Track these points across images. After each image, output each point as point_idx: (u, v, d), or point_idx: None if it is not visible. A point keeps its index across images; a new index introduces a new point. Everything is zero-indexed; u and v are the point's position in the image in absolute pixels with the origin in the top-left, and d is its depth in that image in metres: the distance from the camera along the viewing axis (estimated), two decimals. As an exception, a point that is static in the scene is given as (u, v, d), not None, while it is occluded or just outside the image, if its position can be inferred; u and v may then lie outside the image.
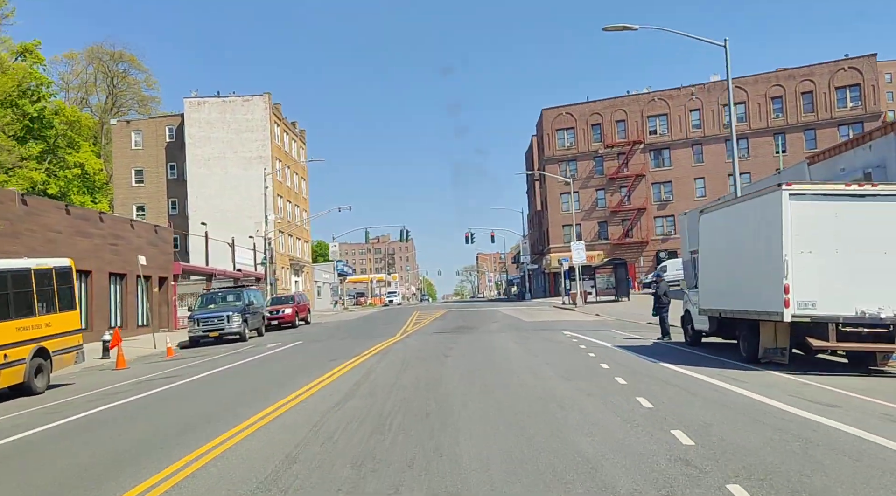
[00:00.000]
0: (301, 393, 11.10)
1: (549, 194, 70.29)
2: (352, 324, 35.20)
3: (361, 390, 11.04)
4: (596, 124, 68.54)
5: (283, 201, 62.07)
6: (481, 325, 28.25)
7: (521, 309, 45.04)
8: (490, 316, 36.60)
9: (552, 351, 16.07)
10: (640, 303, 40.22)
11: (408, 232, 61.81)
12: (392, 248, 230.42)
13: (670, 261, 58.73)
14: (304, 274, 68.22)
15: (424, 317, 37.18)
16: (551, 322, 28.99)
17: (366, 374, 12.92)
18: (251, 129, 59.41)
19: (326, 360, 16.07)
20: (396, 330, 26.88)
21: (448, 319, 34.55)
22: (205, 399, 12.02)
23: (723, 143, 63.57)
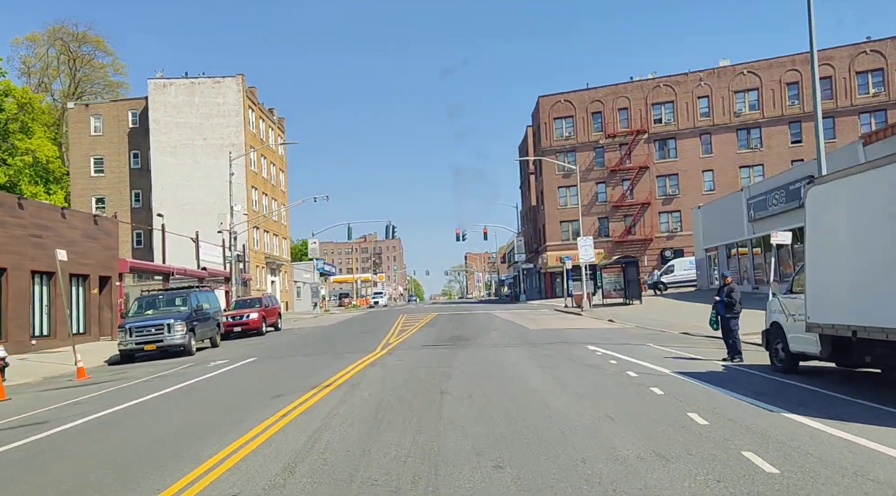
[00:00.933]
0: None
1: (546, 187, 65.62)
2: (327, 332, 30.30)
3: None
4: (597, 113, 63.97)
5: (259, 193, 57.00)
6: (480, 334, 23.47)
7: (519, 312, 40.31)
8: (487, 321, 31.87)
9: (597, 385, 11.16)
10: (654, 307, 35.66)
11: (394, 228, 56.91)
12: (379, 248, 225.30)
13: (678, 261, 54.26)
14: (281, 273, 63.16)
15: (411, 322, 32.41)
16: (563, 331, 24.22)
17: (311, 439, 7.91)
18: (223, 114, 54.30)
19: (268, 397, 11.18)
20: (377, 341, 22.02)
21: (439, 326, 29.76)
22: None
23: (734, 132, 59.24)
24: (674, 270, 53.33)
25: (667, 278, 52.82)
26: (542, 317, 34.48)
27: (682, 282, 52.99)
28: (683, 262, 54.73)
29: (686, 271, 53.58)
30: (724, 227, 40.65)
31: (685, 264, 54.32)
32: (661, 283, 52.63)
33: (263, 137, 59.66)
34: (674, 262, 55.18)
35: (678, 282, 52.60)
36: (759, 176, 57.41)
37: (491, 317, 36.61)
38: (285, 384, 12.82)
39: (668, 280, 52.55)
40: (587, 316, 33.53)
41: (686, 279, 53.69)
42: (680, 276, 53.00)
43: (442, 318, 36.24)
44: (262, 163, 58.45)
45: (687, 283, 53.61)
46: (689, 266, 54.00)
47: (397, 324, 32.22)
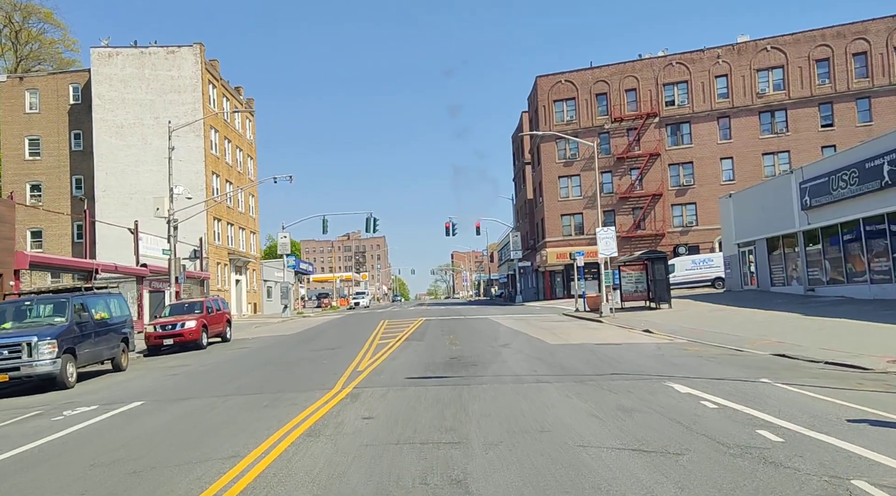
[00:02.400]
0: None
1: (545, 176, 59.16)
2: (284, 346, 23.52)
3: None
4: (601, 94, 57.59)
5: (221, 181, 50.01)
6: (489, 354, 16.87)
7: (522, 318, 33.80)
8: (489, 330, 25.32)
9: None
10: (690, 313, 29.17)
11: (375, 221, 50.25)
12: (363, 246, 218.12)
13: (678, 260, 48.76)
14: (249, 272, 56.16)
15: (394, 331, 25.76)
16: (600, 349, 17.65)
17: None
18: (178, 90, 47.26)
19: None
20: (341, 367, 15.38)
21: (429, 338, 23.12)
22: None
23: (756, 115, 53.04)
24: (674, 270, 47.70)
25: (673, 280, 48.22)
26: (556, 324, 27.94)
27: (684, 284, 47.82)
28: (685, 261, 49.42)
29: (689, 271, 48.37)
30: (764, 218, 34.35)
31: (686, 263, 49.03)
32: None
33: (227, 118, 52.66)
34: (674, 262, 49.41)
35: (679, 283, 47.22)
36: (785, 164, 51.36)
37: (491, 323, 30.04)
38: (149, 476, 6.10)
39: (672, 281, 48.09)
40: (611, 323, 27.05)
41: (689, 280, 48.69)
42: (682, 277, 47.64)
43: (432, 326, 29.61)
44: (225, 146, 51.46)
45: (690, 285, 48.54)
46: (691, 265, 48.88)
47: (375, 334, 25.55)
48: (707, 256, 49.49)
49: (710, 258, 48.49)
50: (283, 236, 49.86)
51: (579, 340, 20.45)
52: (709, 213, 53.76)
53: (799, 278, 31.46)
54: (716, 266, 47.95)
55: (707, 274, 48.10)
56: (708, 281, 48.08)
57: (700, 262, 48.74)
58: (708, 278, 48.07)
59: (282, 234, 50.01)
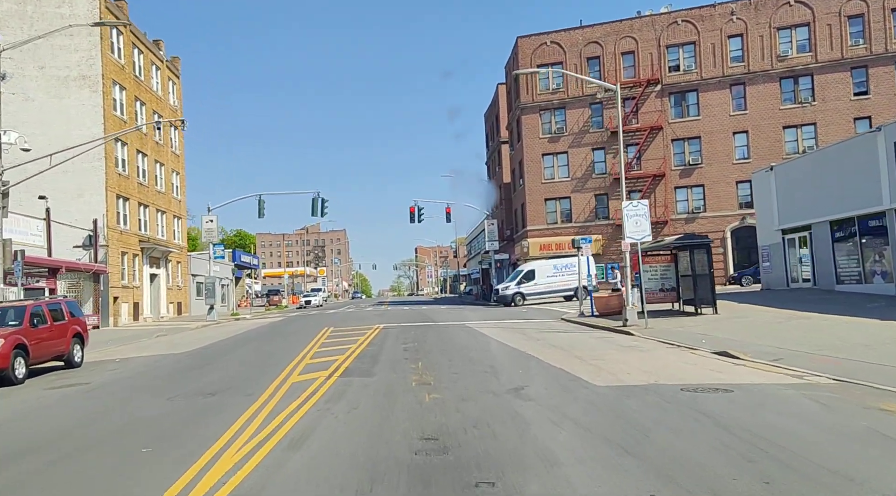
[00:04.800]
0: None
1: (527, 154, 50.54)
2: (134, 388, 14.15)
3: None
4: (593, 58, 49.21)
5: (129, 151, 40.09)
6: (507, 430, 7.86)
7: (512, 324, 25.09)
8: (477, 350, 16.47)
9: None
10: (754, 321, 20.88)
11: (323, 202, 41.01)
12: (322, 240, 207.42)
13: (538, 264, 43.12)
14: (171, 265, 46.28)
15: (333, 348, 16.72)
16: (714, 404, 8.83)
17: None
18: (70, 34, 37.16)
19: None
20: (193, 456, 6.29)
21: (385, 364, 14.14)
22: None
23: (776, 82, 45.25)
24: (533, 278, 41.04)
25: (525, 288, 41.05)
26: (570, 339, 19.24)
27: (546, 294, 40.94)
28: (545, 267, 42.17)
29: (550, 278, 40.94)
30: (828, 195, 26.25)
31: (548, 269, 41.92)
32: (519, 294, 40.76)
33: (139, 75, 42.67)
34: (533, 267, 42.23)
35: (539, 293, 41.20)
36: (811, 138, 43.76)
37: (474, 335, 21.22)
38: None
39: (528, 291, 41.06)
40: (650, 338, 18.49)
41: (551, 290, 41.15)
42: (542, 286, 41.25)
43: (391, 339, 20.59)
44: (136, 108, 41.52)
45: (550, 296, 40.99)
46: (553, 272, 40.97)
47: (302, 356, 16.44)
48: (569, 261, 41.05)
49: (571, 264, 39.99)
50: (208, 220, 40.23)
51: (642, 377, 11.85)
52: (719, 196, 45.86)
53: (887, 273, 23.36)
54: (577, 273, 40.76)
55: (568, 282, 40.45)
56: (568, 291, 40.22)
57: (562, 268, 41.38)
58: (568, 288, 40.33)
59: (207, 219, 40.36)
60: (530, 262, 44.16)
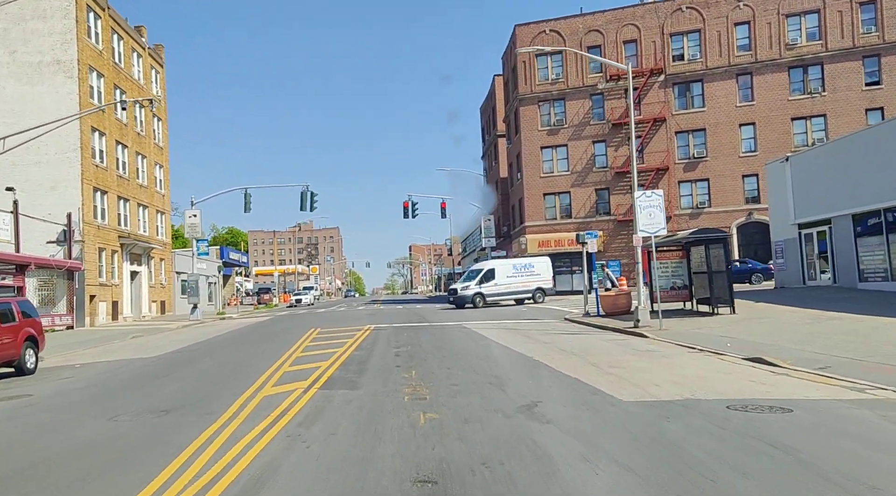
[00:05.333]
0: None
1: (525, 148, 48.73)
2: (103, 393, 12.21)
3: None
4: (594, 47, 47.40)
5: (108, 141, 38.06)
6: (532, 475, 6.07)
7: (513, 326, 23.31)
8: (478, 355, 14.63)
9: None
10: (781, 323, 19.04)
11: (313, 195, 39.12)
12: (315, 237, 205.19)
13: (498, 263, 39.74)
14: (154, 262, 44.26)
15: (317, 353, 14.85)
16: (779, 429, 6.97)
17: None
18: (42, 16, 35.20)
19: None
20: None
21: (372, 374, 12.24)
22: None
23: (785, 71, 43.55)
24: (494, 278, 37.68)
25: (486, 288, 37.48)
26: (579, 342, 17.43)
27: (508, 294, 37.95)
28: (505, 266, 38.78)
29: (511, 278, 37.95)
30: (851, 186, 24.52)
31: (507, 269, 38.42)
32: (479, 295, 37.13)
33: (119, 61, 40.61)
34: (493, 266, 38.87)
35: (501, 294, 37.75)
36: (820, 130, 42.08)
37: (473, 337, 19.39)
38: None
39: (488, 291, 37.49)
40: (670, 341, 16.70)
41: (511, 291, 37.93)
42: (503, 287, 37.71)
43: (382, 342, 18.72)
44: (116, 97, 39.47)
45: (511, 297, 37.95)
46: (513, 272, 37.77)
47: (282, 362, 14.55)
48: (528, 261, 39.41)
49: (530, 264, 38.67)
50: (191, 215, 38.21)
51: (674, 390, 10.10)
52: (724, 191, 44.16)
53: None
54: (537, 274, 38.22)
55: (527, 283, 38.12)
56: (527, 293, 37.99)
57: (521, 269, 38.66)
58: (527, 289, 38.05)
59: (190, 213, 38.34)
60: (490, 261, 41.36)
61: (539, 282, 38.04)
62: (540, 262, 39.04)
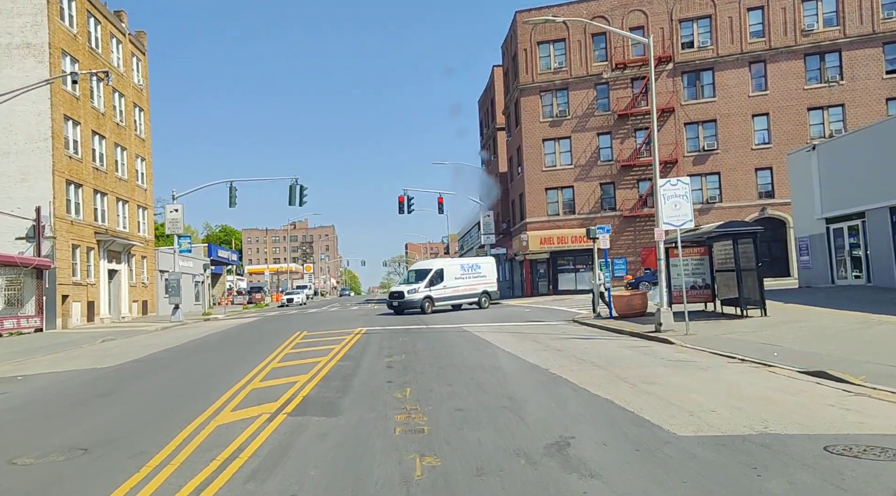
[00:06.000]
0: None
1: (526, 140, 46.52)
2: (24, 419, 9.88)
3: None
4: (599, 34, 45.23)
5: (83, 131, 35.72)
6: None
7: (518, 328, 21.15)
8: (484, 367, 12.37)
9: None
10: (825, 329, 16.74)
11: (302, 189, 36.87)
12: (310, 236, 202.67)
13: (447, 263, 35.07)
14: (135, 260, 41.94)
15: (297, 363, 12.58)
16: None
17: None
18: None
19: None
20: None
21: (357, 394, 9.96)
22: None
23: (800, 59, 41.41)
24: (441, 280, 33.11)
25: (436, 293, 32.70)
26: (597, 348, 15.24)
27: (457, 298, 33.56)
28: (453, 267, 34.27)
29: (459, 280, 33.69)
30: (885, 177, 22.38)
31: (456, 269, 34.08)
32: (429, 299, 32.35)
33: (96, 46, 38.24)
34: (442, 265, 34.27)
35: (450, 297, 33.31)
36: (838, 121, 39.95)
37: (475, 343, 17.17)
38: None
39: (438, 295, 32.76)
40: (701, 348, 14.58)
41: (461, 295, 33.61)
42: (451, 290, 33.28)
43: (373, 348, 16.48)
44: (92, 85, 37.12)
45: (461, 299, 33.57)
46: (461, 273, 34.00)
47: (254, 374, 12.28)
48: (475, 261, 35.82)
49: (477, 264, 35.13)
50: (172, 210, 35.86)
51: (739, 419, 7.96)
52: (736, 185, 42.02)
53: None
54: (483, 276, 34.60)
55: (474, 286, 34.30)
56: (473, 297, 34.10)
57: (469, 269, 34.73)
58: (475, 292, 34.18)
59: (171, 208, 35.97)
60: (437, 260, 37.14)
61: (485, 285, 34.50)
62: (486, 263, 35.70)
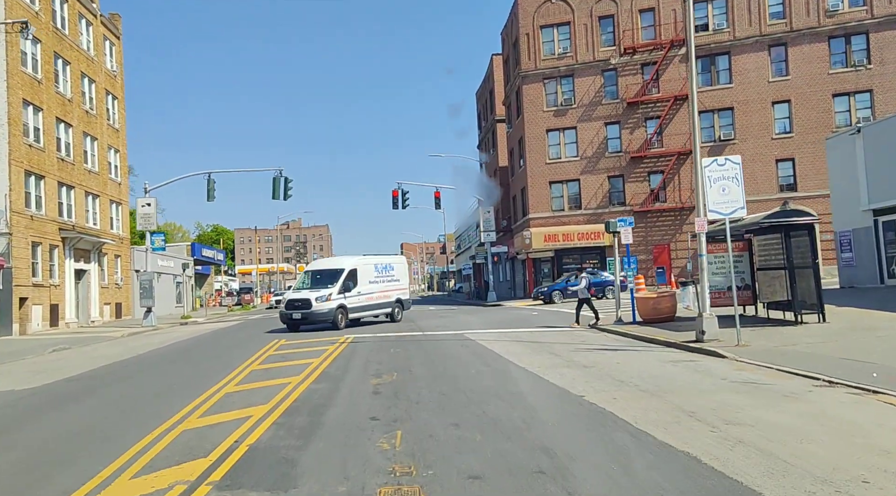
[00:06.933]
0: None
1: (528, 131, 43.51)
2: None
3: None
4: (606, 17, 42.27)
5: (45, 117, 32.55)
6: None
7: (530, 336, 18.18)
8: (501, 390, 9.31)
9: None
10: (891, 337, 13.46)
11: (286, 182, 33.82)
12: (304, 235, 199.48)
13: (361, 262, 26.31)
14: (106, 259, 38.78)
15: (256, 386, 9.53)
16: None
17: None
18: (-38, -35, 29.67)
19: None
20: None
21: (336, 426, 6.94)
22: None
23: (824, 41, 38.52)
24: (355, 286, 25.12)
25: (350, 302, 24.60)
26: (638, 370, 12.22)
27: (371, 308, 25.90)
28: (366, 268, 26.05)
29: (373, 285, 26.08)
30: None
31: (369, 271, 26.13)
32: (342, 309, 24.43)
33: (58, 24, 35.06)
34: (354, 265, 25.65)
35: (364, 307, 25.49)
36: (866, 108, 37.09)
37: (483, 357, 14.12)
38: None
39: (351, 303, 24.71)
40: (757, 362, 11.67)
41: (375, 303, 25.96)
42: (365, 298, 25.52)
43: (357, 367, 13.40)
44: (57, 68, 33.98)
45: (375, 310, 25.94)
46: (374, 276, 26.28)
47: (198, 404, 9.23)
48: (388, 261, 27.68)
49: (390, 265, 27.40)
50: (145, 204, 32.76)
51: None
52: (755, 178, 39.12)
53: None
54: (396, 280, 27.30)
55: (388, 292, 26.75)
56: (387, 307, 26.58)
57: (383, 271, 26.90)
58: (389, 301, 26.69)
59: (143, 202, 32.85)
60: (346, 258, 27.19)
61: (398, 292, 27.39)
62: (399, 264, 28.42)
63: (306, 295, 24.13)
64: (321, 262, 28.96)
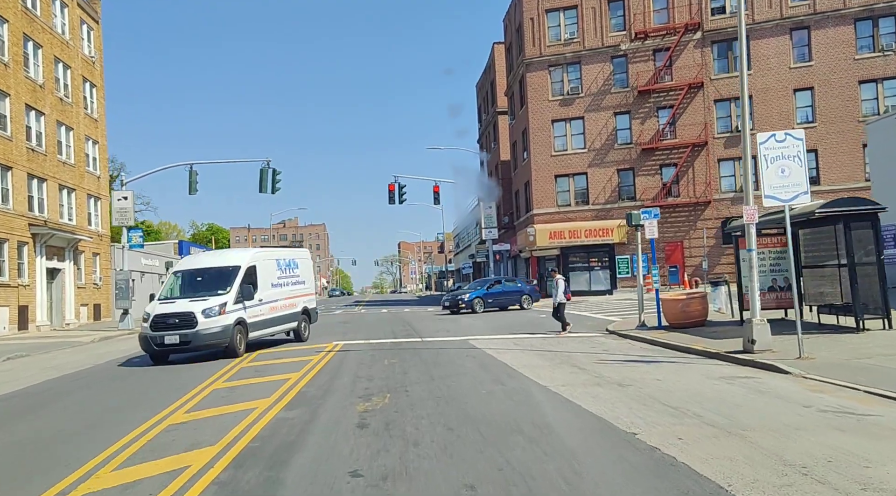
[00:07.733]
0: None
1: (533, 122, 41.10)
2: None
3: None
4: (617, 0, 39.88)
5: (12, 104, 30.08)
6: None
7: (545, 345, 15.81)
8: (523, 418, 6.84)
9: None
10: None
11: (275, 173, 31.43)
12: (300, 234, 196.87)
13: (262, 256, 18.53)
14: (83, 257, 36.33)
15: (210, 416, 7.17)
16: None
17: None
18: (-81, -64, 27.16)
19: None
20: None
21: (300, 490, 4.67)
22: None
23: (850, 24, 36.24)
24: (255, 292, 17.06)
25: (250, 314, 16.97)
26: (688, 392, 9.79)
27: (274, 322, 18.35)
28: (268, 264, 18.38)
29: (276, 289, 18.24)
30: None
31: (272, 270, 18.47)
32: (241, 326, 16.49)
33: (35, 9, 32.59)
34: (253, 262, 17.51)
35: (266, 320, 17.95)
36: (894, 96, 34.68)
37: (494, 372, 11.66)
38: None
39: (252, 317, 17.21)
40: (827, 378, 9.42)
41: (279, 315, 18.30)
42: (268, 306, 17.92)
43: (343, 386, 10.90)
44: (28, 51, 31.53)
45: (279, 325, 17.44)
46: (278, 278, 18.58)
47: (122, 445, 6.82)
48: (292, 256, 20.38)
49: (294, 261, 20.02)
50: (121, 198, 30.34)
51: None
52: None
53: None
54: (301, 282, 20.03)
55: (294, 299, 19.33)
56: (292, 320, 19.11)
57: (286, 269, 19.47)
58: (294, 312, 19.16)
59: (119, 196, 30.40)
60: (239, 251, 19.75)
61: (305, 299, 20.09)
62: (302, 259, 20.83)
63: (186, 307, 15.83)
64: (201, 258, 19.33)
